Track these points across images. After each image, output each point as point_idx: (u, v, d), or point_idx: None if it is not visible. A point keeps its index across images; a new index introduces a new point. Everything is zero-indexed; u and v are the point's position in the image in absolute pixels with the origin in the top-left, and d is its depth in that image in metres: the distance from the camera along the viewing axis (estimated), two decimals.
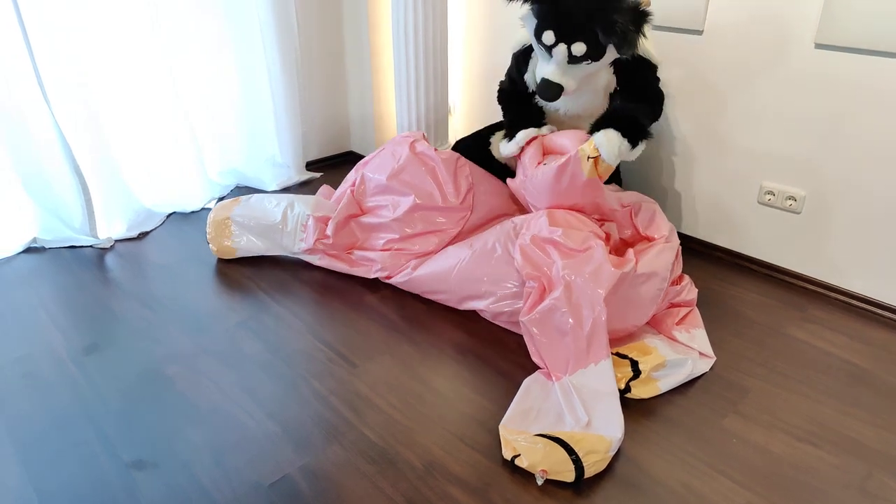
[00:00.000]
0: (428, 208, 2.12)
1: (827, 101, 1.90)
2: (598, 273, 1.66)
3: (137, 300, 2.05)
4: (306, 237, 2.17)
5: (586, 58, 1.86)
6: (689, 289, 1.99)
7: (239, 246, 2.25)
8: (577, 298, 1.64)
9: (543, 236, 1.80)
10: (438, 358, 1.78)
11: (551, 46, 1.86)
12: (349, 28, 3.06)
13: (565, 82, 1.92)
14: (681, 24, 2.13)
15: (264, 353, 1.79)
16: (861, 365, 1.76)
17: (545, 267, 1.76)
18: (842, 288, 2.05)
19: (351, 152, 3.36)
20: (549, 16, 1.84)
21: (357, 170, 2.33)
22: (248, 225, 2.24)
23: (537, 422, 1.51)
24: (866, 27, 1.76)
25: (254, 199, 2.30)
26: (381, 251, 2.14)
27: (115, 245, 2.41)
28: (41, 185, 2.31)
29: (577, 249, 1.75)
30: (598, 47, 1.84)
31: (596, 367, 1.61)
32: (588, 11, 1.79)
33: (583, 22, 1.80)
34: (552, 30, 1.84)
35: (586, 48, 1.83)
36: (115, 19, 2.33)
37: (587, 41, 1.82)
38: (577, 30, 1.81)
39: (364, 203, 2.23)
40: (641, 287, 1.76)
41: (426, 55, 2.60)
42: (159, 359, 1.76)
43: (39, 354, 1.78)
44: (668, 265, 1.85)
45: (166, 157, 2.62)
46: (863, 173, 1.90)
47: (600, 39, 1.81)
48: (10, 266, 2.25)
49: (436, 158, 2.16)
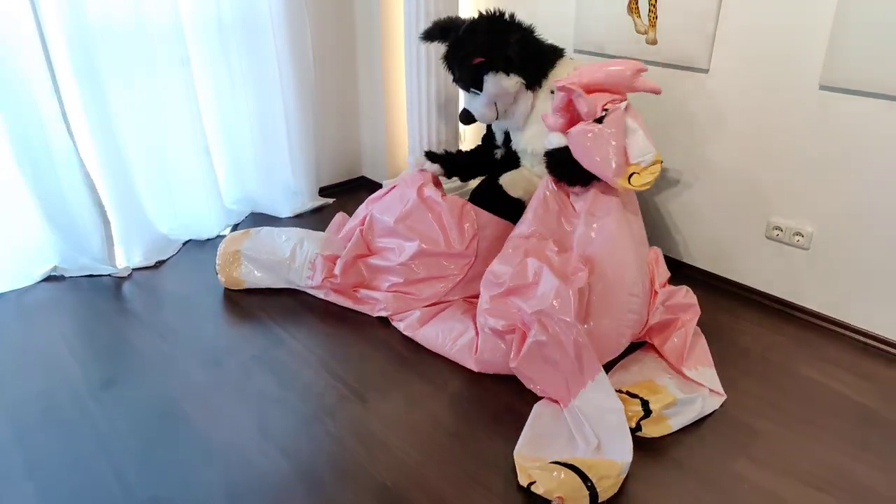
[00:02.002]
0: (433, 254, 2.14)
1: (833, 140, 1.92)
2: (559, 298, 1.71)
3: (154, 331, 2.09)
4: (314, 275, 2.21)
5: (470, 86, 2.18)
6: (686, 293, 2.01)
7: (247, 279, 2.29)
8: (552, 328, 1.69)
9: (496, 294, 1.86)
10: (448, 393, 1.80)
11: (454, 80, 2.26)
12: (363, 59, 3.11)
13: (473, 108, 2.25)
14: (687, 63, 2.15)
15: (278, 388, 1.82)
16: (872, 406, 1.76)
17: (514, 314, 1.80)
18: (852, 325, 2.05)
19: (363, 178, 3.40)
20: (447, 49, 2.20)
21: (367, 205, 2.37)
22: (257, 259, 2.28)
23: (550, 447, 1.56)
24: (869, 71, 1.77)
25: (264, 233, 2.34)
26: (385, 292, 2.17)
27: (132, 274, 2.46)
28: (63, 215, 2.36)
29: (528, 284, 1.81)
30: (472, 74, 2.13)
31: (593, 384, 1.67)
32: (460, 44, 2.12)
33: (454, 53, 2.16)
34: (445, 59, 2.23)
35: (459, 74, 2.18)
36: (144, 59, 2.40)
37: (460, 68, 2.16)
38: (452, 58, 2.18)
39: (372, 244, 2.27)
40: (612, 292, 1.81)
41: (437, 85, 2.64)
42: (175, 393, 1.79)
43: (59, 388, 1.82)
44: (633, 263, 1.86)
45: (185, 187, 2.67)
46: (870, 212, 1.90)
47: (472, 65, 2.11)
48: (31, 295, 2.30)
49: (442, 204, 2.19)
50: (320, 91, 3.06)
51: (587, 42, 2.43)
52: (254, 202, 2.98)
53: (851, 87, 1.82)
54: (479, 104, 2.20)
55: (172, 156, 2.60)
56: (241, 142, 2.84)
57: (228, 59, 2.67)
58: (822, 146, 1.95)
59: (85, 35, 2.23)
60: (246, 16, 2.64)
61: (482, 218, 2.21)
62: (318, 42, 2.96)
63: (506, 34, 2.07)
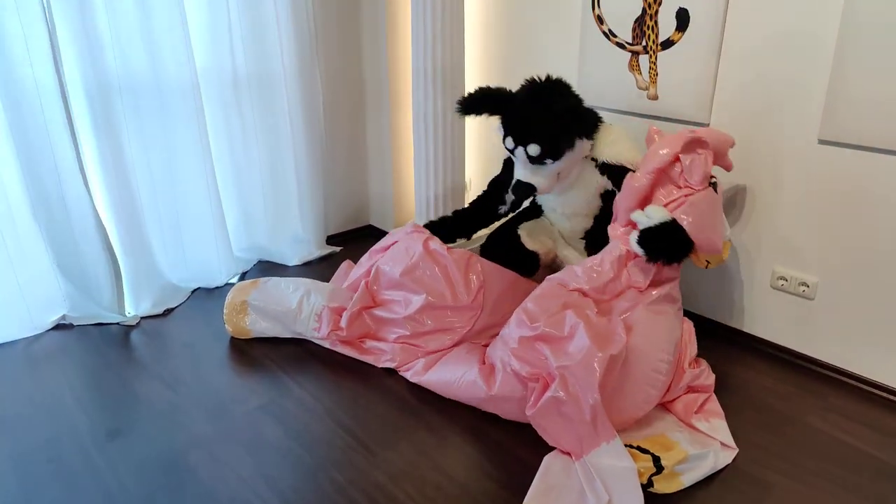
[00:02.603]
0: (439, 307, 2.15)
1: (833, 193, 1.95)
2: (587, 359, 1.69)
3: (161, 381, 2.09)
4: (320, 327, 2.23)
5: (544, 157, 2.03)
6: (707, 373, 1.99)
7: (254, 328, 2.30)
8: (573, 388, 1.68)
9: (527, 336, 1.84)
10: (455, 443, 1.78)
11: (512, 150, 2.09)
12: (371, 111, 3.21)
13: (536, 182, 2.11)
14: (688, 117, 2.22)
15: (284, 440, 1.80)
16: (884, 458, 1.73)
17: (540, 363, 1.80)
18: (861, 375, 2.04)
19: (371, 226, 3.45)
20: (507, 123, 2.08)
21: (370, 256, 2.39)
22: (264, 309, 2.29)
23: (560, 501, 1.54)
24: (866, 126, 1.82)
25: (271, 283, 2.35)
26: (392, 343, 2.18)
27: (140, 322, 2.47)
28: (75, 264, 2.40)
29: (562, 337, 1.79)
30: (553, 146, 2.01)
31: (608, 446, 1.65)
32: (535, 116, 2.01)
33: (529, 126, 2.01)
34: (510, 135, 2.07)
35: (540, 149, 2.01)
36: (159, 111, 2.48)
37: (539, 142, 2.01)
38: (529, 133, 2.01)
39: (378, 295, 2.28)
40: (642, 361, 1.78)
41: (444, 136, 2.71)
42: (181, 444, 1.78)
43: (65, 439, 1.81)
44: (670, 334, 1.86)
45: (195, 235, 2.71)
46: (874, 263, 1.92)
47: (553, 137, 2.00)
48: (40, 343, 2.31)
49: (447, 257, 2.21)
50: (330, 142, 3.14)
51: (590, 96, 2.50)
52: (262, 250, 3.01)
53: (850, 141, 1.87)
54: (546, 175, 2.10)
55: (184, 205, 2.65)
56: (251, 191, 2.90)
57: (241, 111, 2.75)
58: (822, 199, 1.98)
59: (103, 88, 2.32)
60: (260, 71, 2.73)
61: (488, 270, 2.23)
62: (328, 95, 3.06)
63: (576, 100, 2.06)
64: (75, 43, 2.22)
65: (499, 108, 2.10)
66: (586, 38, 2.44)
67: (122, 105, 2.38)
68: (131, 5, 2.30)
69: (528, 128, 2.01)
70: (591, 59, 2.45)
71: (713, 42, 2.09)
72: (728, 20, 2.05)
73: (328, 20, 2.96)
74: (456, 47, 2.61)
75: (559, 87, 2.05)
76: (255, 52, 2.69)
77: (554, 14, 2.55)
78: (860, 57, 1.79)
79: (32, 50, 2.12)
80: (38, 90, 2.17)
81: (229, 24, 2.60)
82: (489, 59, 2.86)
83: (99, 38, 2.26)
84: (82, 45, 2.23)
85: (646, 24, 2.25)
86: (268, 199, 2.93)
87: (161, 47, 2.40)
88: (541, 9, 2.59)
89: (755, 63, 2.03)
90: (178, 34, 2.40)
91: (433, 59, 2.57)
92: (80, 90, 2.28)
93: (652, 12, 2.22)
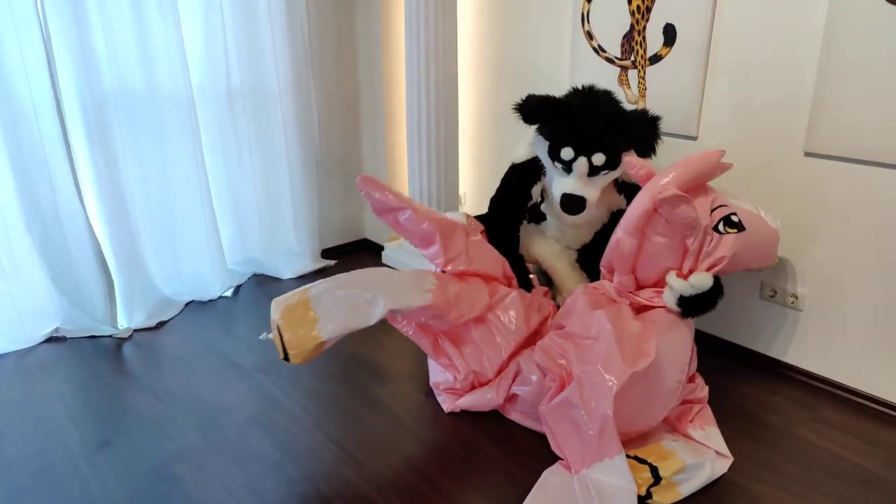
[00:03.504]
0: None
1: (820, 205, 1.97)
2: (608, 367, 1.66)
3: (151, 393, 2.09)
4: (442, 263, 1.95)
5: (605, 167, 1.97)
6: (701, 386, 1.99)
7: (325, 330, 1.68)
8: (588, 394, 1.66)
9: (558, 330, 1.88)
10: (445, 457, 1.78)
11: (571, 161, 1.96)
12: (366, 125, 3.24)
13: (587, 194, 2.00)
14: (676, 130, 2.24)
15: (273, 452, 1.80)
16: (873, 469, 1.73)
17: (561, 360, 1.80)
18: (850, 386, 2.04)
19: (365, 239, 3.46)
20: (565, 132, 1.95)
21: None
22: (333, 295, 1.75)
23: None
24: (850, 138, 1.84)
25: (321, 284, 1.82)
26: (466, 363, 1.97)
27: (133, 335, 2.48)
28: (68, 277, 2.41)
29: (587, 337, 1.78)
30: (616, 155, 1.96)
31: (611, 462, 1.61)
32: (603, 123, 1.93)
33: (600, 134, 1.93)
34: (570, 146, 1.95)
35: (605, 157, 1.94)
36: (154, 125, 2.51)
37: (605, 150, 1.94)
38: (594, 141, 1.93)
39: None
40: (661, 378, 1.75)
41: (438, 150, 2.73)
42: (169, 456, 1.78)
43: (53, 450, 1.81)
44: (686, 352, 1.84)
45: (189, 248, 2.73)
46: (861, 274, 1.93)
47: (620, 146, 1.94)
48: (32, 356, 2.32)
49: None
50: (325, 156, 3.16)
51: None
52: (256, 264, 3.03)
53: (834, 153, 1.89)
54: (599, 186, 2.02)
55: (178, 219, 2.67)
56: (245, 204, 2.92)
57: (236, 125, 2.78)
58: (809, 211, 2.00)
59: (99, 103, 2.35)
60: (255, 86, 2.77)
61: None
62: (323, 109, 3.09)
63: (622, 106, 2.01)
64: (72, 58, 2.25)
65: (558, 115, 1.97)
66: (577, 53, 2.47)
67: (117, 119, 2.41)
68: (128, 21, 2.34)
69: (593, 136, 1.93)
70: (582, 73, 2.48)
71: (700, 57, 2.12)
72: (714, 36, 2.08)
73: (323, 35, 3.01)
74: (449, 62, 2.65)
75: (609, 96, 2.00)
76: (250, 67, 2.73)
77: (545, 29, 2.59)
78: (841, 72, 1.82)
79: (28, 65, 2.15)
80: (34, 104, 2.20)
81: (225, 39, 2.64)
82: (482, 72, 2.89)
83: (95, 53, 2.30)
84: (78, 61, 2.26)
85: (634, 39, 2.28)
86: (262, 212, 2.95)
87: (157, 63, 2.44)
88: (532, 25, 2.62)
89: (742, 77, 2.05)
90: (173, 50, 2.44)
91: (427, 74, 2.61)
92: (76, 105, 2.31)
93: (640, 28, 2.25)
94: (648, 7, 2.21)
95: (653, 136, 1.93)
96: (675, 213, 1.74)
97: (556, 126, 1.97)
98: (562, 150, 1.96)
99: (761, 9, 1.96)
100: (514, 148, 2.72)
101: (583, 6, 2.40)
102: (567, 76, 2.56)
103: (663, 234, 1.82)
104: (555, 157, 2.00)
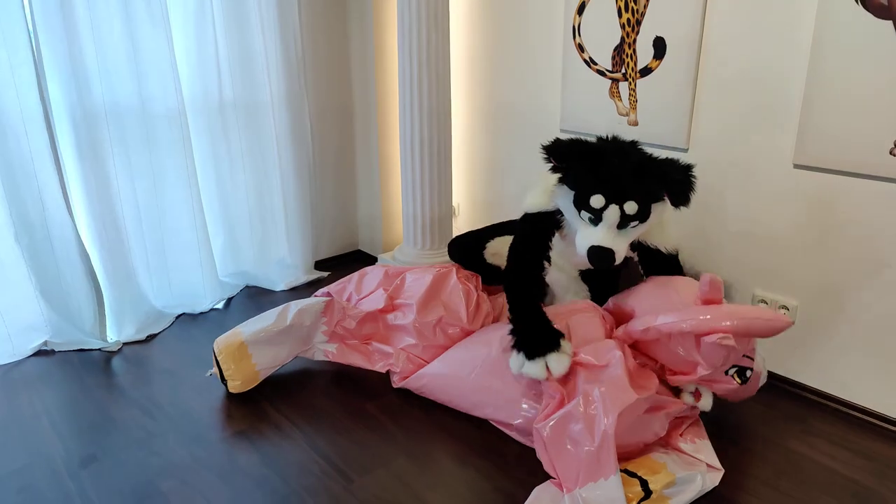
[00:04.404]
0: (451, 324, 2.20)
1: (809, 217, 1.97)
2: (615, 388, 1.69)
3: (139, 407, 2.07)
4: (330, 319, 2.20)
5: (636, 217, 1.82)
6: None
7: (261, 363, 2.11)
8: (592, 410, 1.67)
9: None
10: (436, 472, 1.76)
11: (601, 210, 1.81)
12: (360, 137, 3.24)
13: (617, 247, 1.84)
14: (667, 142, 2.24)
15: (260, 466, 1.78)
16: (864, 482, 1.71)
17: (568, 380, 1.80)
18: (842, 398, 2.03)
19: (359, 251, 3.45)
20: (596, 179, 1.81)
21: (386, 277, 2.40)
22: (264, 338, 2.12)
23: None
24: (838, 151, 1.85)
25: (249, 321, 2.22)
26: (399, 349, 2.19)
27: (122, 348, 2.46)
28: (57, 290, 2.40)
29: (598, 365, 1.80)
30: (648, 205, 1.82)
31: (606, 482, 1.60)
32: (635, 168, 1.80)
33: (632, 180, 1.79)
34: (601, 193, 1.80)
35: (638, 206, 1.80)
36: (145, 137, 2.50)
37: (638, 198, 1.80)
38: (627, 189, 1.79)
39: (395, 300, 2.29)
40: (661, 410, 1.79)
41: (431, 162, 2.73)
42: (155, 472, 1.76)
43: (38, 466, 1.79)
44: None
45: (180, 260, 2.72)
46: (852, 285, 1.93)
47: (652, 193, 1.80)
48: (19, 370, 2.30)
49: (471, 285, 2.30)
50: (318, 167, 3.16)
51: (573, 122, 2.53)
52: (248, 275, 3.01)
53: (823, 165, 1.89)
54: (629, 238, 1.88)
55: (169, 231, 2.66)
56: (237, 216, 2.91)
57: (228, 137, 2.77)
58: (799, 222, 2.00)
59: (89, 115, 2.35)
60: (247, 98, 2.77)
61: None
62: (316, 122, 3.09)
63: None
64: (61, 71, 2.25)
65: (587, 159, 1.83)
66: (568, 66, 2.48)
67: (108, 132, 2.41)
68: (119, 34, 2.34)
69: (625, 182, 1.78)
70: (573, 86, 2.49)
71: (690, 70, 2.12)
72: (703, 49, 2.09)
73: (317, 47, 3.01)
74: (442, 73, 2.65)
75: (636, 145, 1.89)
76: (242, 79, 2.73)
77: (536, 43, 2.60)
78: (829, 85, 1.82)
79: (18, 77, 2.15)
80: (23, 117, 2.19)
81: (217, 51, 2.64)
82: (475, 84, 2.90)
83: (85, 66, 2.30)
84: (68, 73, 2.26)
85: (624, 52, 2.29)
86: (254, 223, 2.94)
87: (148, 76, 2.44)
88: (523, 38, 2.64)
89: (731, 90, 2.06)
90: (165, 63, 2.44)
91: (420, 86, 2.61)
92: (66, 117, 2.31)
93: (630, 41, 2.26)
94: (638, 20, 2.22)
95: (687, 183, 1.79)
96: (714, 355, 1.70)
97: (585, 171, 1.83)
98: (591, 197, 1.81)
99: (750, 22, 1.97)
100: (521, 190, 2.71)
101: (574, 19, 2.41)
102: (559, 89, 2.56)
103: (686, 350, 1.77)
104: (582, 205, 1.84)
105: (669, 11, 2.12)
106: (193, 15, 2.56)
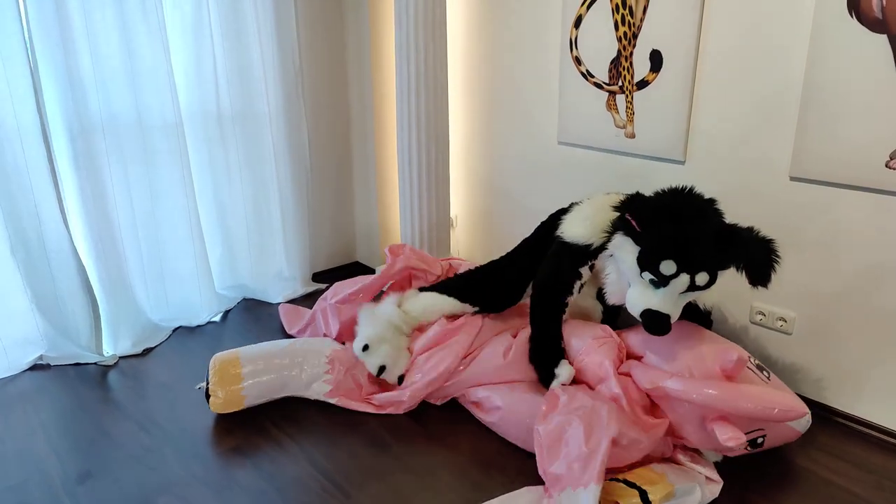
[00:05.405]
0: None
1: (806, 230, 1.97)
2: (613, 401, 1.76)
3: (135, 422, 2.05)
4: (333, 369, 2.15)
5: (703, 288, 1.73)
6: None
7: (249, 386, 2.05)
8: (591, 415, 1.70)
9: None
10: (434, 487, 1.75)
11: (670, 277, 1.70)
12: (357, 149, 3.24)
13: (674, 312, 1.75)
14: (664, 154, 2.25)
15: (258, 482, 1.77)
16: (869, 498, 1.71)
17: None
18: (842, 411, 2.02)
19: (357, 263, 3.45)
20: (671, 244, 1.68)
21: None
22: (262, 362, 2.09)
23: None
24: (834, 163, 1.86)
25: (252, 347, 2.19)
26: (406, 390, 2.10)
27: (119, 362, 2.45)
28: (53, 304, 2.38)
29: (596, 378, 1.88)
30: (716, 277, 1.73)
31: (585, 491, 1.59)
32: (714, 239, 1.69)
33: (711, 252, 1.68)
34: (673, 259, 1.68)
35: (709, 278, 1.70)
36: (142, 150, 2.50)
37: (710, 271, 1.69)
38: (705, 261, 1.68)
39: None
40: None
41: (428, 172, 2.74)
42: (152, 488, 1.74)
43: (34, 483, 1.77)
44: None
45: (177, 273, 2.71)
46: (849, 297, 1.93)
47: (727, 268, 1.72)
48: (15, 384, 2.28)
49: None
50: (316, 179, 3.16)
51: (570, 135, 2.54)
52: (245, 288, 3.01)
53: (819, 178, 1.90)
54: (682, 304, 1.78)
55: (166, 243, 2.65)
56: (235, 228, 2.90)
57: (226, 149, 2.78)
58: (796, 235, 2.00)
59: (86, 128, 2.34)
60: (245, 110, 2.77)
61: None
62: (314, 134, 3.10)
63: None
64: (58, 83, 2.25)
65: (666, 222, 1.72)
66: (565, 79, 2.49)
67: (104, 144, 2.41)
68: (115, 45, 2.35)
69: (703, 253, 1.67)
70: (570, 98, 2.50)
71: (686, 83, 2.14)
72: (700, 62, 2.10)
73: (314, 59, 3.02)
74: (439, 85, 2.66)
75: (715, 204, 1.78)
76: (240, 90, 2.73)
77: (533, 55, 2.61)
78: (825, 98, 1.83)
79: (14, 89, 2.15)
80: (19, 129, 2.19)
81: (214, 63, 2.65)
82: (472, 96, 2.91)
83: (82, 78, 2.30)
84: (65, 85, 2.26)
85: (622, 65, 2.30)
86: (252, 236, 2.94)
87: (145, 87, 2.44)
88: (520, 50, 2.65)
89: (727, 103, 2.07)
90: (162, 74, 2.45)
91: (417, 97, 2.62)
92: (62, 129, 2.31)
93: (627, 54, 2.28)
94: (635, 34, 2.23)
95: (769, 261, 1.69)
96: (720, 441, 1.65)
97: (661, 235, 1.70)
98: (662, 262, 1.69)
99: (746, 36, 1.98)
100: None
101: (570, 32, 2.43)
102: (556, 101, 2.57)
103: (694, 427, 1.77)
104: (648, 267, 1.71)
105: (666, 25, 2.14)
106: (191, 26, 2.57)
